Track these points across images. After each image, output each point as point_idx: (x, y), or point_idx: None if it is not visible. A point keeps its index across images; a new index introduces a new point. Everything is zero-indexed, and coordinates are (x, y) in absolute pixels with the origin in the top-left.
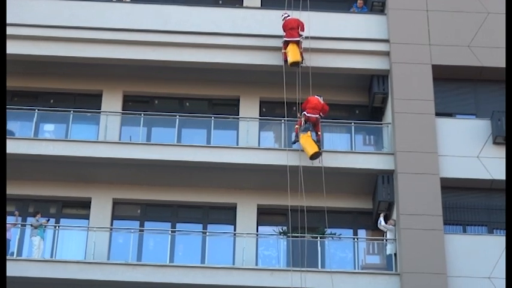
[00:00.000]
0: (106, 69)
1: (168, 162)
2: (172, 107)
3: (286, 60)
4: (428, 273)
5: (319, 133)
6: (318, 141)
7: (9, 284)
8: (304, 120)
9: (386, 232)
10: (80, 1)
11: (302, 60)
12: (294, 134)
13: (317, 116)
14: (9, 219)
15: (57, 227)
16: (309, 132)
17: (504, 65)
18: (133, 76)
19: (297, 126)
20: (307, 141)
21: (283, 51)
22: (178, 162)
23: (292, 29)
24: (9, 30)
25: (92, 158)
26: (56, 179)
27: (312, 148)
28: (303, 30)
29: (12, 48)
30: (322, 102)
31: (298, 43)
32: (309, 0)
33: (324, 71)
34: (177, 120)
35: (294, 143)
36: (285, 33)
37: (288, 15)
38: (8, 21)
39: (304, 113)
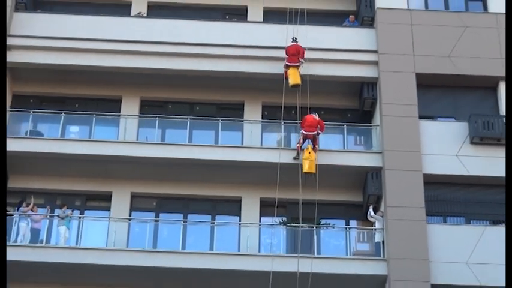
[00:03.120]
0: (125, 77)
1: (180, 160)
2: (184, 110)
3: (287, 78)
4: (412, 259)
5: (316, 146)
6: (315, 152)
7: (38, 268)
8: (303, 138)
9: (375, 222)
10: (102, 16)
11: (301, 83)
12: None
13: (314, 133)
14: (41, 211)
15: (81, 218)
16: (309, 146)
17: (480, 73)
18: (149, 83)
19: (298, 144)
20: (306, 161)
21: (284, 69)
22: (189, 160)
23: (293, 55)
24: (39, 42)
25: (112, 156)
26: (80, 175)
27: (309, 167)
28: (303, 57)
29: (41, 58)
30: (317, 119)
31: (298, 67)
32: (306, 15)
33: (319, 79)
34: (188, 122)
35: (295, 158)
36: (287, 57)
37: (294, 39)
38: (37, 34)
39: (302, 131)
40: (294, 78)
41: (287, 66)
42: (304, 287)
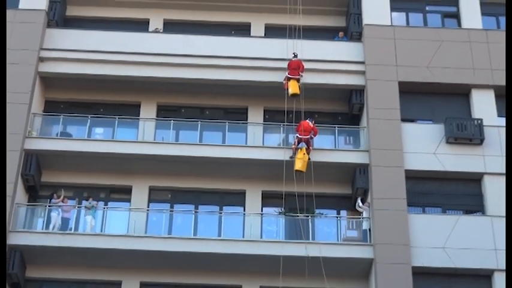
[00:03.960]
0: (143, 85)
1: (192, 157)
2: (195, 114)
3: (287, 88)
4: (395, 244)
5: (310, 148)
6: (308, 154)
7: (68, 252)
8: (298, 141)
9: (362, 212)
10: (123, 32)
11: (300, 93)
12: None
13: (308, 137)
14: (70, 202)
15: (105, 209)
16: (304, 148)
17: (455, 81)
18: (165, 90)
19: (293, 146)
20: (299, 160)
21: (284, 81)
22: (199, 157)
23: (295, 69)
24: (68, 55)
25: (132, 154)
26: (105, 171)
27: (300, 167)
28: (302, 71)
29: (70, 68)
30: (312, 125)
31: (298, 80)
32: (302, 31)
33: (313, 86)
34: (199, 125)
35: (291, 157)
36: (288, 70)
37: (295, 55)
38: (66, 47)
39: (297, 135)
40: (293, 88)
41: (288, 78)
42: (300, 269)
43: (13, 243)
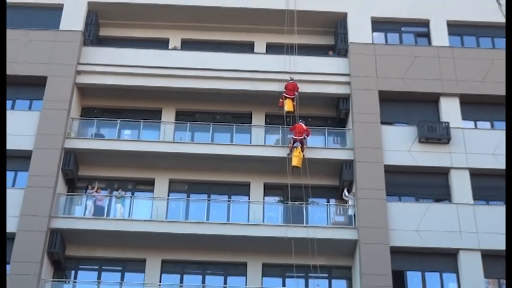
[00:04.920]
0: (164, 94)
1: (204, 155)
2: (207, 118)
3: (282, 106)
4: (376, 227)
5: (304, 146)
6: (303, 151)
7: (101, 234)
8: (293, 141)
9: (348, 200)
10: (147, 49)
11: (294, 111)
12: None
13: (302, 137)
14: (103, 193)
15: (132, 198)
16: (298, 147)
17: (426, 91)
18: (182, 98)
19: (290, 145)
20: (295, 158)
21: (280, 100)
22: (211, 155)
23: (291, 90)
24: (101, 69)
25: (155, 152)
26: (132, 166)
27: (296, 163)
28: (297, 91)
29: (103, 80)
30: (305, 127)
31: (293, 99)
32: (298, 48)
33: (307, 95)
34: (211, 127)
35: (288, 155)
36: (285, 91)
37: (291, 79)
38: (99, 62)
39: (293, 136)
40: (288, 107)
41: (285, 98)
42: (296, 249)
43: (55, 226)
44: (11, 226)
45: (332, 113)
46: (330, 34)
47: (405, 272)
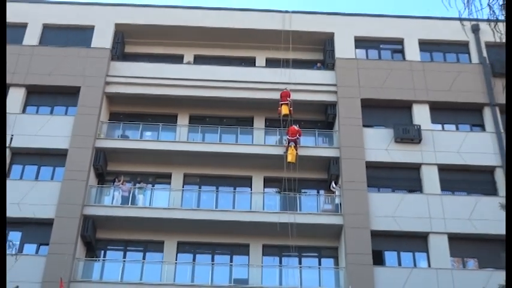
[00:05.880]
0: (180, 101)
1: (214, 153)
2: (216, 122)
3: (280, 112)
4: (359, 214)
5: (297, 146)
6: (296, 150)
7: (126, 220)
8: (288, 141)
9: (335, 191)
10: (165, 63)
11: (290, 114)
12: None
13: (295, 138)
14: (127, 185)
15: (152, 189)
16: (292, 146)
17: (400, 98)
18: (194, 105)
19: (285, 144)
20: (290, 155)
21: (279, 108)
22: (219, 152)
23: (284, 97)
24: (126, 80)
25: (171, 150)
26: (152, 162)
27: (291, 159)
28: (290, 97)
29: (128, 89)
30: (297, 129)
31: (287, 104)
32: (292, 63)
33: (300, 102)
34: (219, 129)
35: (284, 153)
36: (281, 98)
37: (285, 88)
38: (125, 74)
39: (287, 137)
40: (284, 110)
41: (281, 105)
42: (291, 232)
43: (87, 213)
44: (50, 213)
45: (321, 117)
46: (320, 51)
47: (383, 251)
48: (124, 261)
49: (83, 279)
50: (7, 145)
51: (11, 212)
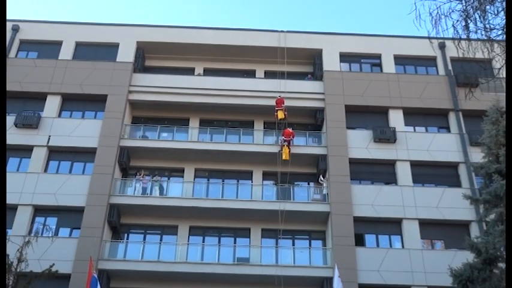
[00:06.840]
0: (191, 107)
1: (220, 150)
2: (222, 124)
3: (277, 116)
4: (343, 202)
5: (291, 145)
6: (289, 148)
7: (145, 208)
8: (283, 141)
9: (323, 183)
10: (179, 75)
11: (285, 118)
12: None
13: (289, 139)
14: (147, 178)
15: (168, 182)
16: (286, 146)
17: (379, 104)
18: (204, 111)
19: (280, 144)
20: (284, 153)
21: (276, 114)
22: (225, 150)
23: (279, 103)
24: (147, 89)
25: (184, 149)
26: (167, 158)
27: (285, 157)
28: (283, 104)
29: (148, 97)
30: (291, 131)
31: (282, 110)
32: (287, 74)
33: (293, 108)
34: (225, 131)
35: (280, 151)
36: (276, 104)
37: (279, 96)
38: (146, 84)
39: (283, 138)
40: (280, 115)
41: (277, 111)
42: (286, 218)
43: (113, 202)
44: (81, 202)
45: (311, 120)
46: (310, 64)
47: (364, 234)
48: (144, 242)
49: (109, 258)
50: (45, 144)
51: (49, 201)
